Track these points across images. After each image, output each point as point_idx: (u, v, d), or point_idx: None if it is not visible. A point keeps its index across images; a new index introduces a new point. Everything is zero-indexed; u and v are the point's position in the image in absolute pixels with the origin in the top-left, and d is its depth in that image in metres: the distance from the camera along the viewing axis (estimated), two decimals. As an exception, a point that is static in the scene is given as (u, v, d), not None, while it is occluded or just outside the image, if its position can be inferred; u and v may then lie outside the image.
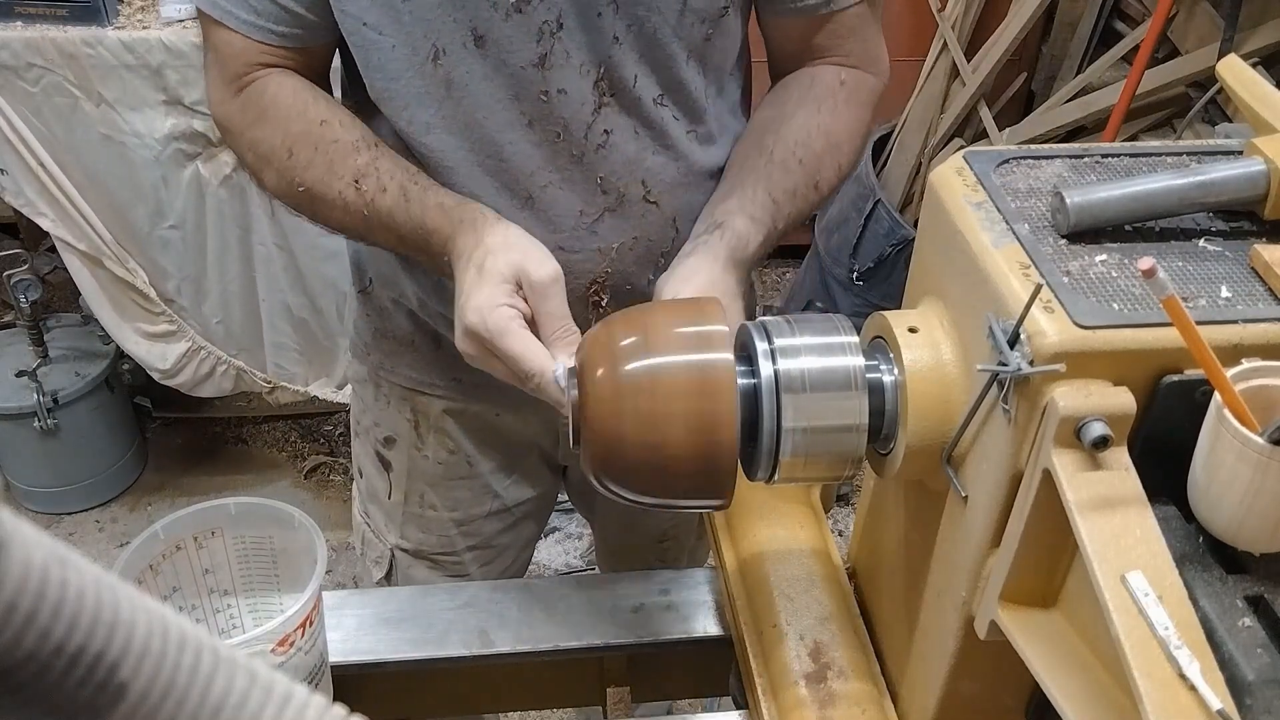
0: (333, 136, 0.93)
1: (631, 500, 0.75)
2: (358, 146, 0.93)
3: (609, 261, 1.01)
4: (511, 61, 0.91)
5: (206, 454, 2.63)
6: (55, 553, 0.32)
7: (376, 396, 1.21)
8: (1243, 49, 2.10)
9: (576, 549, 2.40)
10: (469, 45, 0.90)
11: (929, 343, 0.70)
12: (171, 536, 0.88)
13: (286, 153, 0.94)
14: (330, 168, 0.93)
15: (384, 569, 1.30)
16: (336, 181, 0.92)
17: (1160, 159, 0.73)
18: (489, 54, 0.91)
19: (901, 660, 0.84)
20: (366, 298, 1.16)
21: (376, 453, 1.24)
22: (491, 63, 0.91)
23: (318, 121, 0.94)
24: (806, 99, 1.01)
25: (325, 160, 0.93)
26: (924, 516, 0.77)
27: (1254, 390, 0.58)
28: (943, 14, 2.63)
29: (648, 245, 1.02)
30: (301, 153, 0.93)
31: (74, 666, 0.32)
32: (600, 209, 0.99)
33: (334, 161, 0.92)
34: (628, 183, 0.99)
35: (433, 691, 1.03)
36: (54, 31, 1.85)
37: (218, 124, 1.00)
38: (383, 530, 1.28)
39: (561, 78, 0.92)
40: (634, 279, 1.03)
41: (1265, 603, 0.58)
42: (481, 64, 0.91)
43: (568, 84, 0.93)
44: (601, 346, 0.74)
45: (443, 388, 1.16)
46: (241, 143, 0.98)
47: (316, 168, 0.93)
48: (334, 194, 0.93)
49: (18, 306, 2.18)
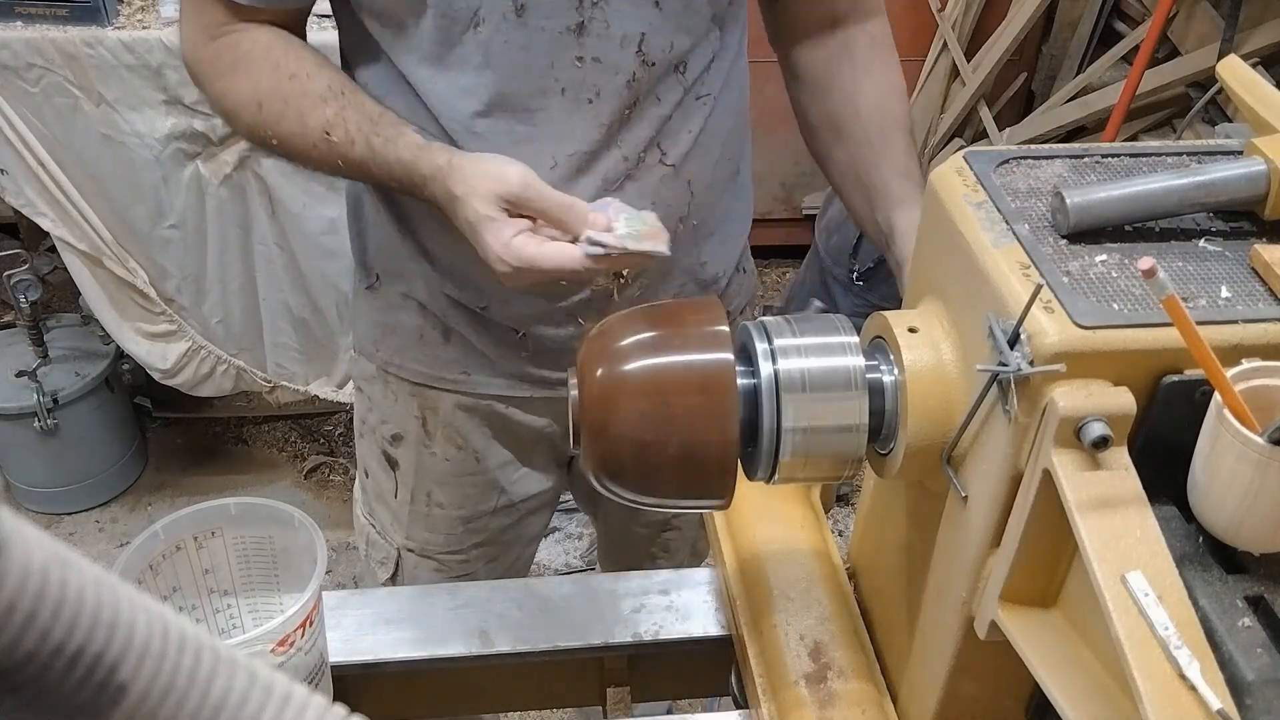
0: (301, 90, 0.95)
1: (631, 500, 0.75)
2: (325, 98, 0.94)
3: None
4: (549, 27, 0.93)
5: (206, 454, 2.63)
6: (55, 553, 0.32)
7: (384, 394, 1.21)
8: (1243, 49, 2.10)
9: (576, 549, 2.40)
10: (508, 15, 0.92)
11: (929, 343, 0.70)
12: (171, 536, 0.87)
13: (256, 106, 0.96)
14: (301, 120, 0.95)
15: (390, 570, 1.30)
16: (309, 134, 0.95)
17: (1160, 159, 0.73)
18: (528, 21, 0.92)
19: (901, 660, 0.84)
20: (373, 294, 1.16)
21: (383, 452, 1.24)
22: (530, 30, 0.93)
23: (287, 76, 0.95)
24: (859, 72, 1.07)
25: (295, 113, 0.95)
26: (924, 516, 0.77)
27: (1254, 390, 0.58)
28: (943, 14, 2.63)
29: (666, 210, 1.03)
30: (271, 106, 0.95)
31: (74, 667, 0.32)
32: (621, 175, 1.01)
33: (303, 114, 0.94)
34: (648, 149, 1.01)
35: (433, 691, 1.03)
36: (54, 31, 1.85)
37: (187, 67, 1.02)
38: (389, 530, 1.28)
39: (598, 46, 0.94)
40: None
41: (1265, 603, 0.58)
42: (520, 31, 0.92)
43: (603, 52, 0.94)
44: (601, 346, 0.74)
45: (452, 381, 1.16)
46: (212, 90, 1.00)
47: (288, 121, 0.95)
48: (308, 146, 0.96)
49: (18, 306, 2.18)
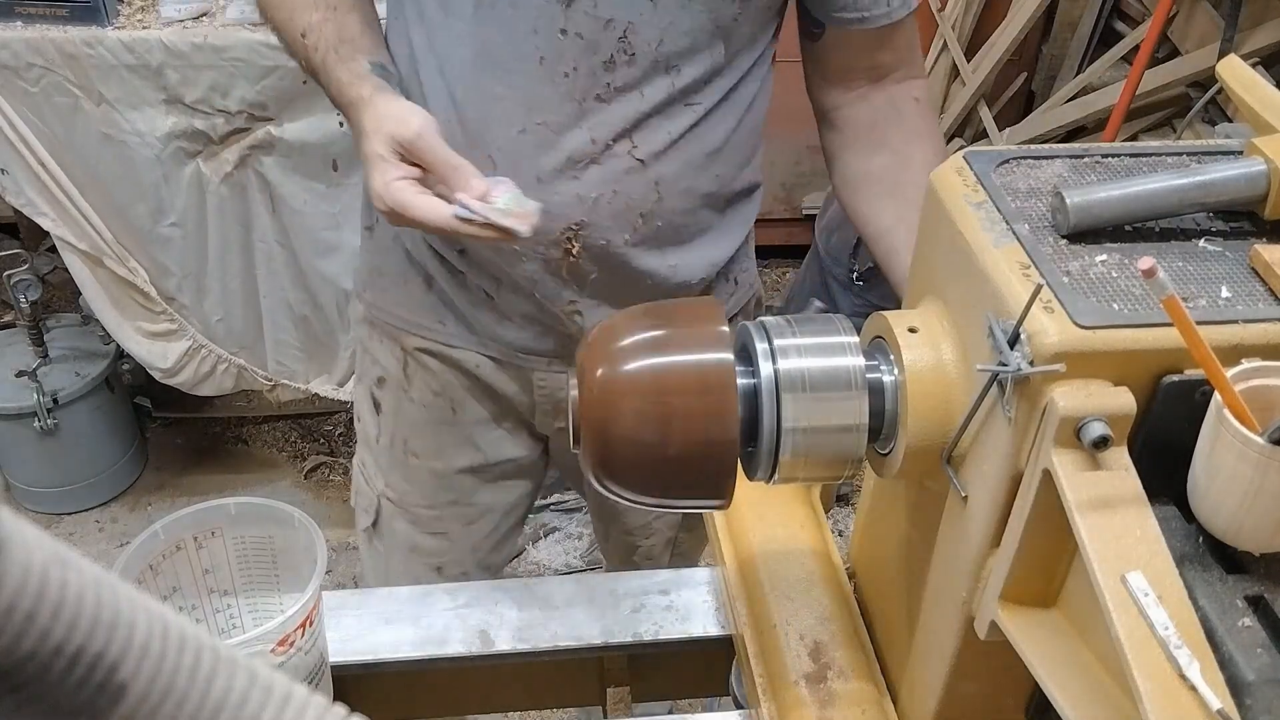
0: None
1: (632, 500, 0.75)
2: (315, 4, 1.02)
3: (586, 210, 1.03)
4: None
5: (206, 454, 2.63)
6: (55, 553, 0.32)
7: (370, 335, 1.25)
8: (1243, 49, 2.10)
9: (576, 549, 2.40)
10: None
11: (929, 343, 0.70)
12: (171, 536, 0.88)
13: None
14: (290, 16, 1.04)
15: (371, 517, 1.33)
16: (292, 28, 1.04)
17: (1160, 159, 0.73)
18: None
19: (901, 660, 0.84)
20: (370, 234, 1.21)
21: (370, 394, 1.28)
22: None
23: None
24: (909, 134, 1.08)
25: (288, 8, 1.04)
26: (924, 516, 0.77)
27: (1254, 390, 0.58)
28: (943, 14, 2.63)
29: (627, 202, 1.04)
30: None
31: (74, 667, 0.32)
32: (587, 158, 1.01)
33: (294, 11, 1.03)
34: (619, 138, 1.01)
35: (433, 691, 1.03)
36: (54, 31, 1.84)
37: None
38: (373, 477, 1.31)
39: (583, 22, 0.95)
40: (610, 234, 1.05)
41: (1265, 603, 0.58)
42: None
43: (586, 29, 0.95)
44: (601, 346, 0.74)
45: (429, 329, 1.19)
46: None
47: (282, 9, 1.05)
48: (291, 37, 1.05)
49: (18, 306, 2.18)
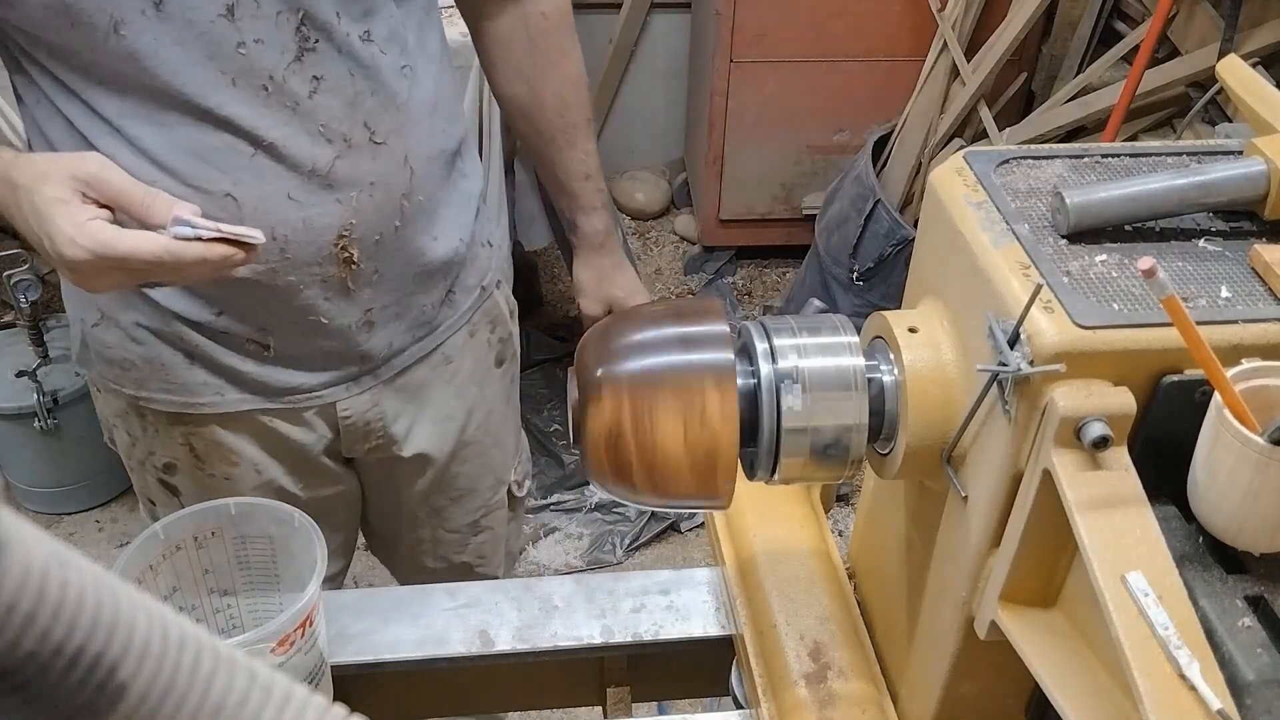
0: None
1: (632, 500, 0.75)
2: None
3: (351, 212, 0.99)
4: (198, 19, 0.88)
5: (206, 454, 2.62)
6: (55, 553, 0.32)
7: (143, 427, 1.15)
8: (1243, 49, 2.10)
9: (576, 549, 2.40)
10: (148, 11, 0.87)
11: (929, 343, 0.70)
12: (171, 536, 0.88)
13: None
14: None
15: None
16: None
17: (1160, 159, 0.73)
18: (172, 15, 0.87)
19: (901, 660, 0.84)
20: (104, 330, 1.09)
21: (160, 480, 1.19)
22: (178, 24, 0.88)
23: None
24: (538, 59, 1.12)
25: None
26: (924, 516, 0.77)
27: (1254, 390, 0.58)
28: (943, 14, 2.63)
29: (386, 190, 1.01)
30: None
31: (74, 667, 0.32)
32: (329, 159, 0.97)
33: None
34: (351, 128, 0.97)
35: (433, 691, 1.03)
36: (54, 31, 1.84)
37: None
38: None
39: (255, 28, 0.90)
40: (381, 228, 1.02)
41: (1265, 603, 0.58)
42: (168, 27, 0.88)
43: (263, 33, 0.90)
44: (600, 346, 0.74)
45: (208, 404, 1.10)
46: None
47: None
48: None
49: (18, 306, 2.18)
